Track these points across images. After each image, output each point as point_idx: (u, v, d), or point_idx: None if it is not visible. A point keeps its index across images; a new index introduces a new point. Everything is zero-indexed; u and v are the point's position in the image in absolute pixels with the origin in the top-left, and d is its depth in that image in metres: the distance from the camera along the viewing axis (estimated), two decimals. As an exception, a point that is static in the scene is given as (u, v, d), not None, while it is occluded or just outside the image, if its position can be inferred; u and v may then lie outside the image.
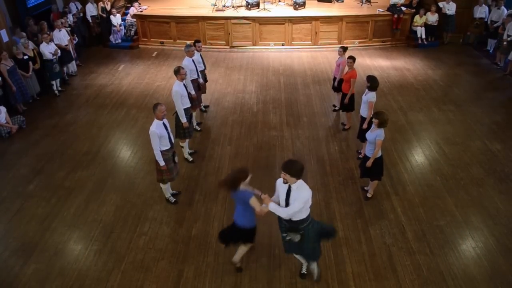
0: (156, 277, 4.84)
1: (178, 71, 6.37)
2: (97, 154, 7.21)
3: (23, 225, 5.65)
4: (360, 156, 6.91)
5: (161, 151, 5.39)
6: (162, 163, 5.44)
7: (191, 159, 6.95)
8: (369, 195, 6.01)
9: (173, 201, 5.99)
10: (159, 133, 5.27)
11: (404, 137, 7.56)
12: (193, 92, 7.26)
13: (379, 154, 5.58)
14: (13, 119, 7.96)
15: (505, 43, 10.12)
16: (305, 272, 4.74)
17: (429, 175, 6.53)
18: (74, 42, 10.67)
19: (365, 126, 6.47)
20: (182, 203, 5.99)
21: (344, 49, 7.85)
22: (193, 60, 7.38)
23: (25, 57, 8.74)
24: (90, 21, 12.08)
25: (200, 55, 7.83)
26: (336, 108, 8.51)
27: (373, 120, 5.46)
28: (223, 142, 7.52)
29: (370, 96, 6.30)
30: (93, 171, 6.75)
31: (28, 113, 8.58)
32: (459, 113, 8.38)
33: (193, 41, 7.67)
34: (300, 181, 3.96)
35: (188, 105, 6.69)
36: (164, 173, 5.58)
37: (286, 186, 3.99)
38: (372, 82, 6.25)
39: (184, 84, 6.51)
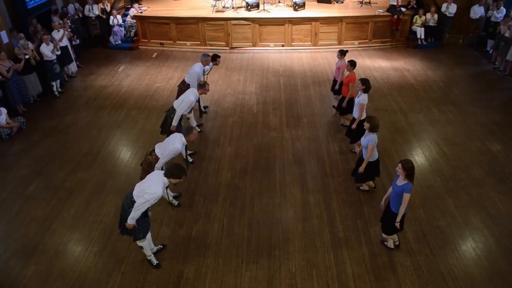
0: (156, 278, 4.84)
1: (203, 86, 6.69)
2: (97, 155, 7.21)
3: (23, 226, 5.64)
4: (353, 150, 7.05)
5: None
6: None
7: (191, 160, 6.95)
8: (362, 188, 6.17)
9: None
10: (180, 151, 5.47)
11: (404, 138, 7.56)
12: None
13: (376, 157, 5.65)
14: (13, 120, 7.94)
15: (502, 43, 10.13)
16: None
17: (429, 176, 6.53)
18: (74, 43, 10.66)
19: (354, 126, 6.54)
20: (182, 204, 5.99)
21: (342, 52, 7.86)
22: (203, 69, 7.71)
23: (26, 56, 8.70)
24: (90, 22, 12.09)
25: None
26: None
27: (365, 124, 5.49)
28: (223, 143, 7.52)
29: (361, 99, 6.38)
30: (93, 172, 6.75)
31: (28, 114, 8.56)
32: (459, 113, 8.39)
33: (211, 54, 7.91)
34: None
35: (187, 112, 6.85)
36: None
37: None
38: (367, 85, 6.33)
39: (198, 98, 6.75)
